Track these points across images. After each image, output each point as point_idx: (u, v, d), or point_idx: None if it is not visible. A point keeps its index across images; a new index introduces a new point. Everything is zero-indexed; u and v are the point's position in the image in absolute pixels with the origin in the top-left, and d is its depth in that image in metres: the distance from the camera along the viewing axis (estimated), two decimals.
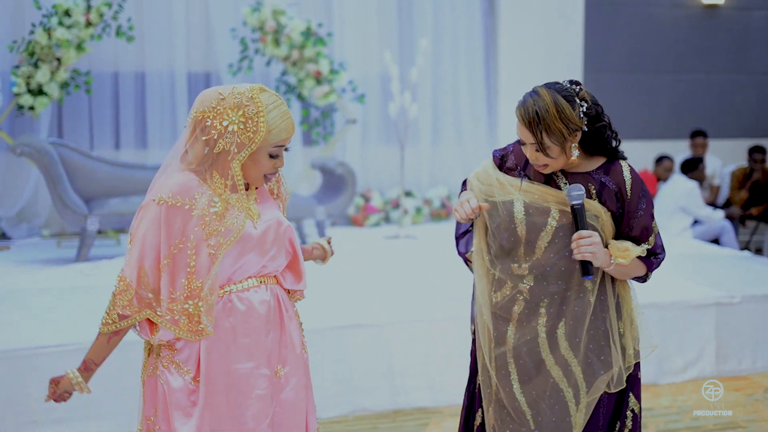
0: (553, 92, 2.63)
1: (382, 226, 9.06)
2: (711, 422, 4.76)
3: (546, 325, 2.75)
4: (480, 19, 9.69)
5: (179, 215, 2.44)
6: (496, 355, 2.80)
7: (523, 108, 2.63)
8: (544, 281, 2.72)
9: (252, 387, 2.56)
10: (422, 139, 9.56)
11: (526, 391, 2.76)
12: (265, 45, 8.15)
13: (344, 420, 4.79)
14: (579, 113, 2.63)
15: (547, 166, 2.69)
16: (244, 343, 2.55)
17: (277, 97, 2.50)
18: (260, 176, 2.53)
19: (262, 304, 2.58)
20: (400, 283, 6.02)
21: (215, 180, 2.48)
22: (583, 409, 2.75)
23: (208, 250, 2.45)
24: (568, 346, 2.75)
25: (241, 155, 2.44)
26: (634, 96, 10.15)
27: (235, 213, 2.50)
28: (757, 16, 10.39)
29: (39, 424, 4.34)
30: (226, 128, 2.42)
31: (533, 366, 2.76)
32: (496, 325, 2.81)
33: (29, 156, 6.62)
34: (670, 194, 8.56)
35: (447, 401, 4.94)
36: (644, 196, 2.74)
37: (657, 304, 5.42)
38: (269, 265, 2.61)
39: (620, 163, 2.76)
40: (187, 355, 2.53)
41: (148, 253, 2.45)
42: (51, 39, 7.41)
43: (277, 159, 2.53)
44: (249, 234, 2.53)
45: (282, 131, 2.47)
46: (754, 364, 5.64)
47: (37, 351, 4.38)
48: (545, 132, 2.60)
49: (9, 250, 7.52)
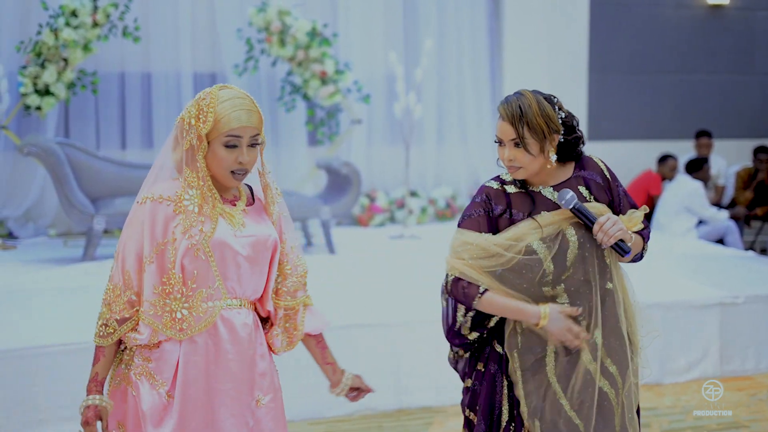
0: (535, 93, 2.71)
1: (387, 226, 9.08)
2: (714, 422, 4.78)
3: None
4: (485, 19, 9.70)
5: (162, 211, 2.47)
6: (537, 382, 2.76)
7: (506, 104, 2.69)
8: (577, 293, 2.71)
9: (230, 411, 2.53)
10: (427, 140, 9.57)
11: (575, 404, 2.73)
12: (271, 45, 8.18)
13: (349, 419, 4.82)
14: (558, 117, 2.70)
15: (521, 169, 2.69)
16: (226, 364, 2.52)
17: (238, 92, 2.51)
18: (225, 173, 2.50)
19: (243, 327, 2.55)
20: (405, 283, 6.04)
21: (187, 175, 2.50)
22: (620, 405, 2.78)
23: (190, 242, 2.46)
24: (604, 350, 2.76)
25: (202, 147, 2.46)
26: (638, 96, 10.16)
27: (212, 209, 2.51)
28: (762, 16, 10.39)
29: (45, 423, 4.37)
30: (189, 123, 2.47)
31: (576, 378, 2.73)
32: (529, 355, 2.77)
33: (36, 156, 6.65)
34: (675, 194, 8.57)
35: (451, 401, 4.96)
36: (613, 174, 2.85)
37: (661, 304, 5.44)
38: (248, 284, 2.58)
39: (586, 156, 2.84)
40: (163, 367, 2.50)
41: (129, 255, 2.48)
42: (58, 39, 7.45)
43: (237, 151, 2.48)
44: (228, 241, 2.51)
45: (232, 120, 2.44)
46: (758, 364, 5.65)
47: (43, 350, 4.41)
48: (527, 126, 2.64)
49: (16, 250, 7.55)
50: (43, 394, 4.38)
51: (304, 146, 9.16)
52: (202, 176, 2.49)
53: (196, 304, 2.48)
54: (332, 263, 6.87)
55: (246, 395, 2.56)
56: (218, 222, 2.51)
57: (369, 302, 5.41)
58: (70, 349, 4.42)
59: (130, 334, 2.50)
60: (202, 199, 2.49)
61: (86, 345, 4.40)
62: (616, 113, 10.04)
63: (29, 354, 4.40)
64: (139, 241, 2.48)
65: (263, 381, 2.61)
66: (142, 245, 2.47)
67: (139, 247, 2.48)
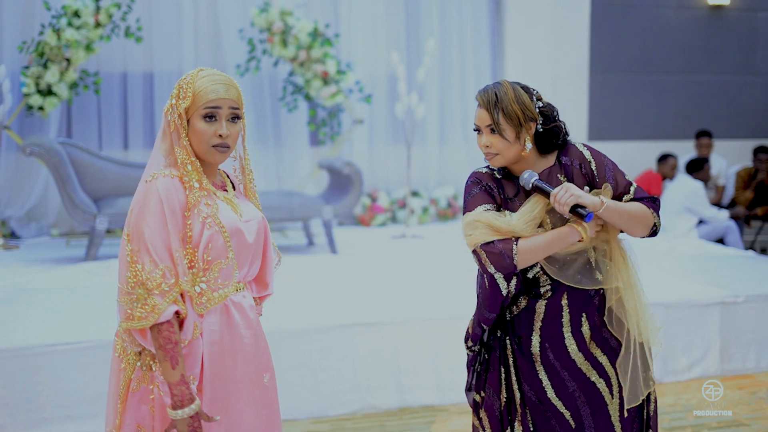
0: (513, 83, 2.76)
1: (389, 226, 9.10)
2: (714, 420, 4.80)
3: (571, 324, 2.78)
4: (486, 19, 9.73)
5: (174, 187, 2.47)
6: (525, 367, 2.83)
7: (483, 91, 2.75)
8: (561, 274, 2.75)
9: (249, 396, 2.56)
10: (429, 139, 9.60)
11: (562, 394, 2.80)
12: (273, 45, 8.21)
13: (352, 417, 4.84)
14: (535, 106, 2.73)
15: (498, 155, 2.73)
16: (243, 348, 2.56)
17: (217, 71, 2.56)
18: (207, 148, 2.52)
19: (251, 309, 2.61)
20: (407, 283, 6.06)
21: (179, 154, 2.52)
22: (617, 396, 2.80)
23: (200, 215, 2.48)
24: (595, 344, 2.80)
25: (183, 125, 2.51)
26: (639, 96, 10.18)
27: (209, 186, 2.54)
28: (762, 17, 10.41)
29: (50, 421, 4.39)
30: (171, 105, 2.53)
31: (564, 368, 2.80)
32: (518, 342, 2.84)
33: (39, 156, 6.67)
34: (676, 194, 8.58)
35: (454, 399, 4.99)
36: (606, 159, 2.83)
37: (662, 304, 5.45)
38: (252, 267, 2.64)
39: (571, 144, 2.84)
40: (191, 362, 2.46)
41: (157, 240, 2.40)
42: (60, 40, 7.47)
43: (216, 124, 2.51)
44: (236, 225, 2.55)
45: (210, 92, 2.49)
46: (759, 363, 5.67)
47: (47, 349, 4.42)
48: (502, 112, 2.68)
49: (18, 250, 7.58)
50: (46, 393, 4.39)
51: (306, 146, 9.19)
52: (190, 152, 2.53)
53: (213, 277, 2.50)
54: (334, 263, 6.89)
55: (259, 377, 2.61)
56: (222, 209, 2.53)
57: (371, 301, 5.43)
58: (73, 348, 4.44)
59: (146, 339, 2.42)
60: (199, 174, 2.52)
61: (89, 344, 4.45)
62: (617, 113, 10.06)
63: (33, 353, 4.41)
64: (162, 222, 2.41)
65: (267, 360, 2.67)
66: (167, 227, 2.41)
67: (163, 228, 2.41)
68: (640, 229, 2.76)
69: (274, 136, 9.10)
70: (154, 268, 2.38)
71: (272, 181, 9.03)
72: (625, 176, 2.82)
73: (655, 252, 7.04)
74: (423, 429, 4.68)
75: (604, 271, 2.78)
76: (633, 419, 2.85)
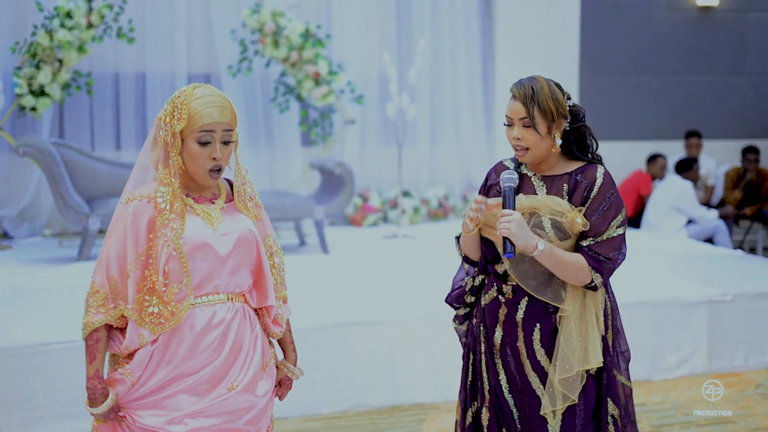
0: (547, 79, 2.81)
1: (381, 226, 9.14)
2: (702, 417, 4.85)
3: (523, 330, 2.83)
4: (477, 20, 9.77)
5: (145, 211, 2.54)
6: (488, 357, 2.91)
7: (519, 84, 2.79)
8: (523, 281, 2.79)
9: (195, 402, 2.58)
10: (420, 140, 9.64)
11: (514, 392, 2.86)
12: (265, 46, 8.24)
13: (344, 415, 4.88)
14: (567, 104, 2.80)
15: (529, 151, 2.77)
16: (191, 355, 2.57)
17: (212, 90, 2.58)
18: (201, 170, 2.56)
19: (219, 323, 2.60)
20: (398, 282, 6.10)
21: (161, 172, 2.57)
22: (559, 415, 2.80)
23: (163, 239, 2.52)
24: (544, 352, 2.82)
25: (176, 144, 2.53)
26: (629, 97, 10.24)
27: (180, 204, 2.57)
28: (751, 18, 10.48)
29: (45, 420, 4.42)
30: (164, 120, 2.55)
31: (516, 369, 2.85)
32: (489, 326, 2.93)
33: (31, 156, 6.69)
34: (665, 194, 8.64)
35: (444, 397, 5.03)
36: (610, 201, 2.78)
37: (651, 302, 5.51)
38: (229, 280, 2.63)
39: (597, 166, 2.84)
40: (135, 367, 2.57)
41: (113, 261, 2.54)
42: (53, 40, 7.49)
43: (211, 147, 2.55)
44: (203, 240, 2.57)
45: (204, 116, 2.51)
46: (746, 361, 5.73)
47: (40, 348, 4.45)
48: (537, 106, 2.73)
49: (11, 250, 7.59)
50: (41, 392, 4.42)
51: (298, 147, 9.22)
52: (174, 173, 2.55)
53: (168, 300, 2.53)
54: (326, 263, 6.93)
55: (216, 385, 2.59)
56: (187, 220, 2.57)
57: (363, 301, 5.46)
58: (67, 347, 4.46)
59: (122, 345, 2.57)
60: (173, 197, 2.55)
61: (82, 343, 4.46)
62: (608, 114, 10.12)
63: (29, 352, 4.44)
64: (122, 246, 2.54)
65: (239, 372, 2.64)
66: (125, 251, 2.54)
67: (121, 252, 2.54)
68: (572, 280, 2.76)
69: (266, 137, 9.13)
70: (99, 289, 2.55)
71: (264, 182, 9.06)
72: (607, 226, 2.77)
73: (644, 251, 7.10)
74: (414, 426, 4.73)
75: (569, 290, 2.79)
76: None
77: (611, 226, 2.78)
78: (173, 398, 2.56)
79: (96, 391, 2.57)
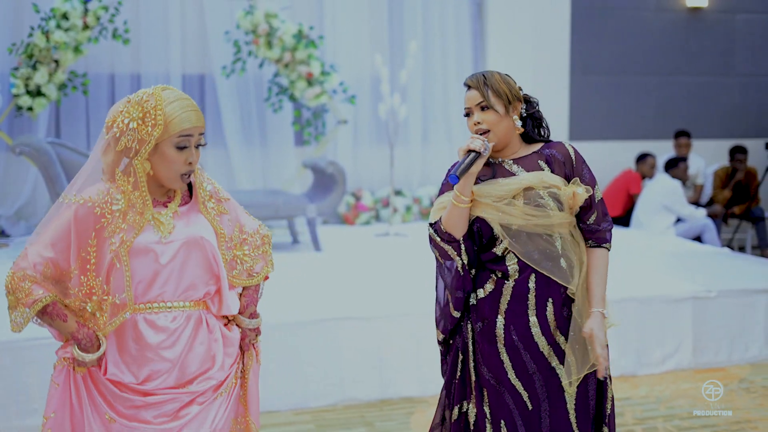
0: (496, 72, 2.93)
1: (373, 225, 9.22)
2: (685, 411, 4.93)
3: (536, 306, 2.83)
4: (469, 21, 9.84)
5: (89, 216, 2.46)
6: (487, 353, 2.89)
7: (471, 76, 2.91)
8: (526, 256, 2.81)
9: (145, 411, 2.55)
10: (412, 140, 9.71)
11: (522, 376, 2.86)
12: (258, 47, 8.31)
13: (333, 409, 4.96)
14: (520, 92, 2.91)
15: (490, 132, 2.83)
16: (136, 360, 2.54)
17: (180, 93, 2.50)
18: (174, 175, 2.51)
19: (162, 330, 2.55)
20: (389, 279, 6.18)
21: (119, 178, 2.49)
22: (575, 383, 2.86)
23: (110, 247, 2.46)
24: (556, 325, 2.85)
25: (142, 151, 2.44)
26: (619, 97, 10.31)
27: (139, 216, 2.50)
28: (740, 18, 10.57)
29: (39, 412, 4.48)
30: (128, 125, 2.44)
31: (526, 350, 2.85)
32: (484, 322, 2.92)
33: (28, 155, 6.75)
34: (654, 193, 8.72)
35: (433, 391, 5.09)
36: (586, 165, 2.92)
37: (636, 298, 5.59)
38: (176, 288, 2.56)
39: (561, 141, 2.95)
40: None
41: (49, 253, 2.49)
42: (49, 42, 7.56)
43: (187, 152, 2.49)
44: (152, 248, 2.51)
45: (184, 121, 2.45)
46: (730, 356, 5.81)
47: (34, 342, 4.51)
48: (491, 89, 2.83)
49: (8, 248, 7.65)
50: (36, 384, 4.49)
51: (291, 146, 9.29)
52: (135, 182, 2.48)
53: (105, 309, 2.50)
54: (318, 260, 7.00)
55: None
56: (143, 230, 2.50)
57: (354, 297, 5.53)
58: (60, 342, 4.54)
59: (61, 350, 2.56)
60: (128, 206, 2.48)
61: None
62: (598, 113, 10.19)
63: (21, 346, 4.51)
64: (64, 243, 2.48)
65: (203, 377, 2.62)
66: (69, 248, 2.48)
67: (62, 248, 2.48)
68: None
69: (259, 137, 9.20)
70: (25, 279, 2.50)
71: (258, 181, 9.14)
72: (594, 189, 2.89)
73: (631, 249, 7.18)
74: (402, 419, 4.80)
75: (568, 261, 2.84)
76: (589, 410, 2.90)
77: (597, 190, 2.91)
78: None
79: (90, 337, 2.50)
